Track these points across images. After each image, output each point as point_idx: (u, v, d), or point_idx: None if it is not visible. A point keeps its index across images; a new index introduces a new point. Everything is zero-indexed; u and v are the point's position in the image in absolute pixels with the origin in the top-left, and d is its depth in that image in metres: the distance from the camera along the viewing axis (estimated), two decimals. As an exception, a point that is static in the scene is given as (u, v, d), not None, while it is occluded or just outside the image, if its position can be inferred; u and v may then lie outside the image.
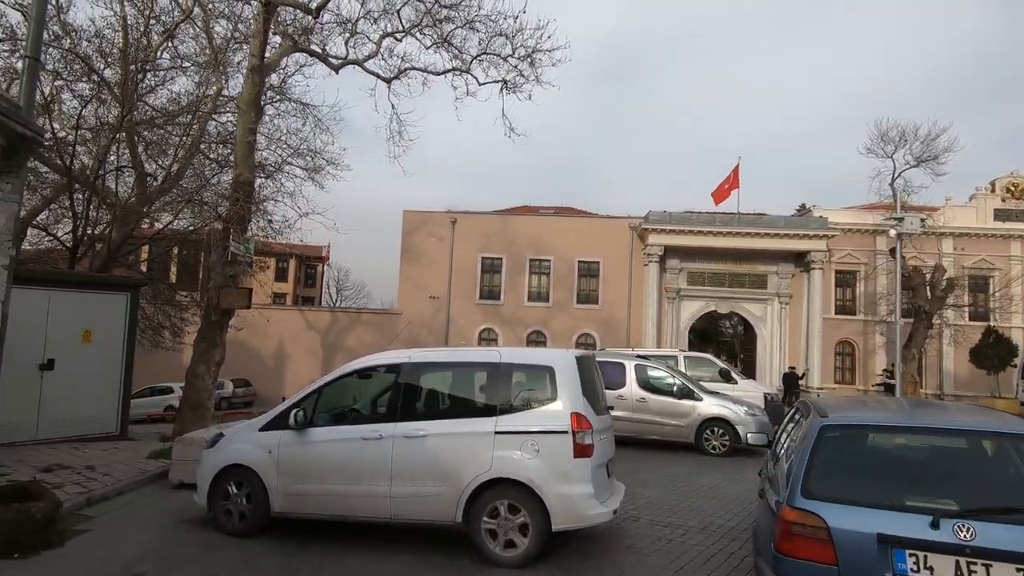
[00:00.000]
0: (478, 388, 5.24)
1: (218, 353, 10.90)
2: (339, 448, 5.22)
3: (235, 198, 11.07)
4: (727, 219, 27.25)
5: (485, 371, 5.25)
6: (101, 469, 7.45)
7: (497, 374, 5.15)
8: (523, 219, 30.25)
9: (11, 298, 9.45)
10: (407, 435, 5.05)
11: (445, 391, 5.41)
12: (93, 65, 14.48)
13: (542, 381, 5.11)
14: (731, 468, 9.57)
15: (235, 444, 5.59)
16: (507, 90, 13.63)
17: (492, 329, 28.69)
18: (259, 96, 11.62)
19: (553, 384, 5.02)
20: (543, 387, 5.09)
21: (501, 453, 4.83)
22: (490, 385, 5.15)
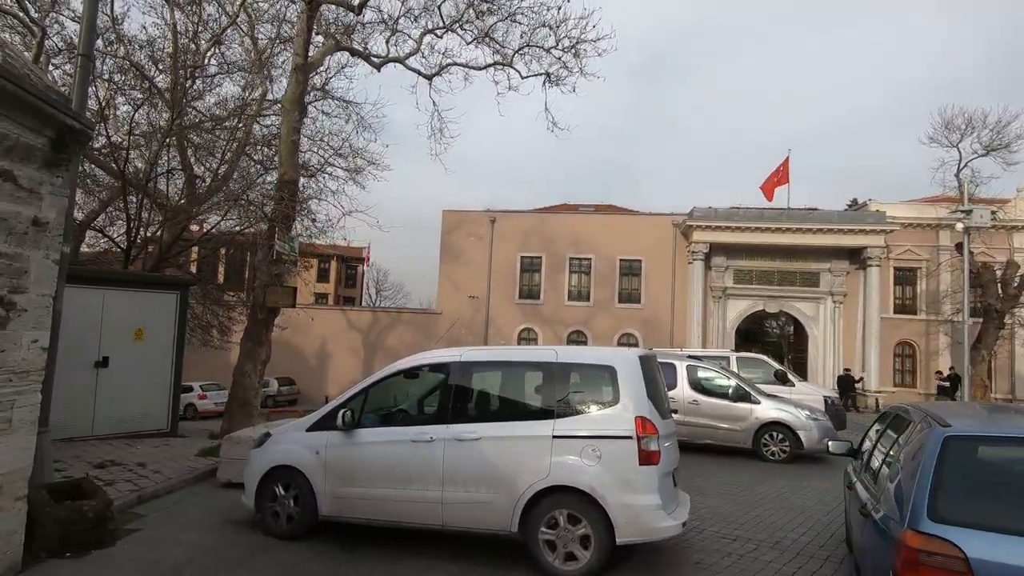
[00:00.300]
0: (533, 389, 4.93)
1: (264, 351, 10.95)
2: (388, 450, 4.99)
3: (280, 197, 11.10)
4: (776, 214, 26.16)
5: (540, 371, 4.93)
6: (152, 466, 7.48)
7: (553, 374, 4.82)
8: (562, 217, 29.83)
9: (69, 297, 9.72)
10: (458, 438, 4.78)
11: (498, 392, 5.12)
12: (145, 72, 14.90)
13: (603, 382, 4.76)
14: (794, 476, 8.97)
15: (282, 444, 5.44)
16: (550, 83, 13.31)
17: (532, 329, 28.38)
18: (303, 95, 11.63)
19: (615, 385, 4.66)
20: (604, 389, 4.74)
21: (559, 459, 4.51)
22: (546, 386, 4.83)
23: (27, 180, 4.04)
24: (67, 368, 9.31)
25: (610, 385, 4.70)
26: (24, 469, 4.19)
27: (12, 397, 4.01)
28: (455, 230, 29.26)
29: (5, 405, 3.98)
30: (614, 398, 4.65)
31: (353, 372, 28.98)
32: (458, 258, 29.02)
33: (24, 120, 3.94)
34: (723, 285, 27.21)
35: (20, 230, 4.00)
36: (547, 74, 13.10)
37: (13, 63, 3.95)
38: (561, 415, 4.66)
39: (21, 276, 4.03)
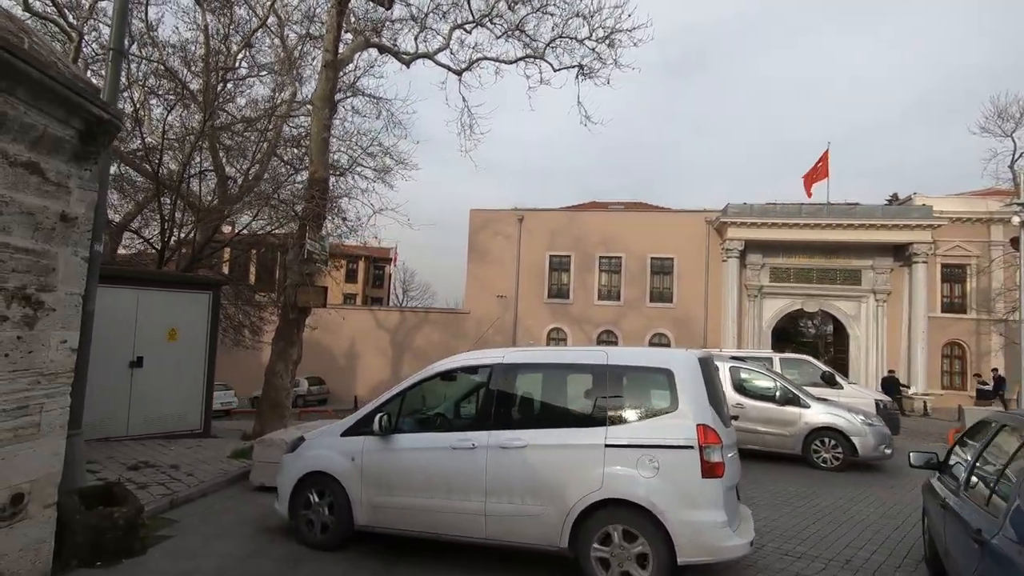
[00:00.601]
0: (582, 394, 4.57)
1: (295, 351, 10.83)
2: (427, 457, 4.70)
3: (310, 195, 10.97)
4: (815, 210, 25.20)
5: (589, 374, 4.57)
6: (185, 468, 7.36)
7: (604, 377, 4.46)
8: (591, 215, 29.33)
9: (103, 297, 9.73)
10: (503, 445, 4.46)
11: (544, 396, 4.78)
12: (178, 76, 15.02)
13: (659, 386, 4.38)
14: (849, 486, 8.41)
15: (316, 450, 5.20)
16: (583, 76, 12.93)
17: (561, 329, 27.97)
18: (333, 92, 11.49)
19: (673, 390, 4.28)
20: (661, 393, 4.36)
21: (613, 469, 4.15)
22: (597, 390, 4.47)
23: (54, 173, 3.86)
24: (102, 368, 9.33)
25: (667, 389, 4.33)
26: (54, 475, 4.02)
27: (41, 400, 3.84)
28: (483, 229, 29.02)
29: (33, 409, 3.80)
30: (672, 404, 4.27)
31: (381, 372, 29.02)
32: (486, 257, 28.78)
33: (51, 110, 3.76)
34: (759, 283, 26.35)
35: (47, 225, 3.82)
36: (580, 66, 12.73)
37: (39, 50, 3.77)
38: (614, 422, 4.30)
39: (49, 274, 3.85)
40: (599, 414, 4.37)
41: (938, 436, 15.43)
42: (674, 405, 4.25)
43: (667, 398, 4.30)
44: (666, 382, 4.35)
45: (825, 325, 42.28)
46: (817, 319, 38.51)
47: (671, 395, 4.28)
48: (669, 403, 4.28)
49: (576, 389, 4.66)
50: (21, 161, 3.61)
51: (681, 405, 4.22)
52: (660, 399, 4.34)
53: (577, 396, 4.62)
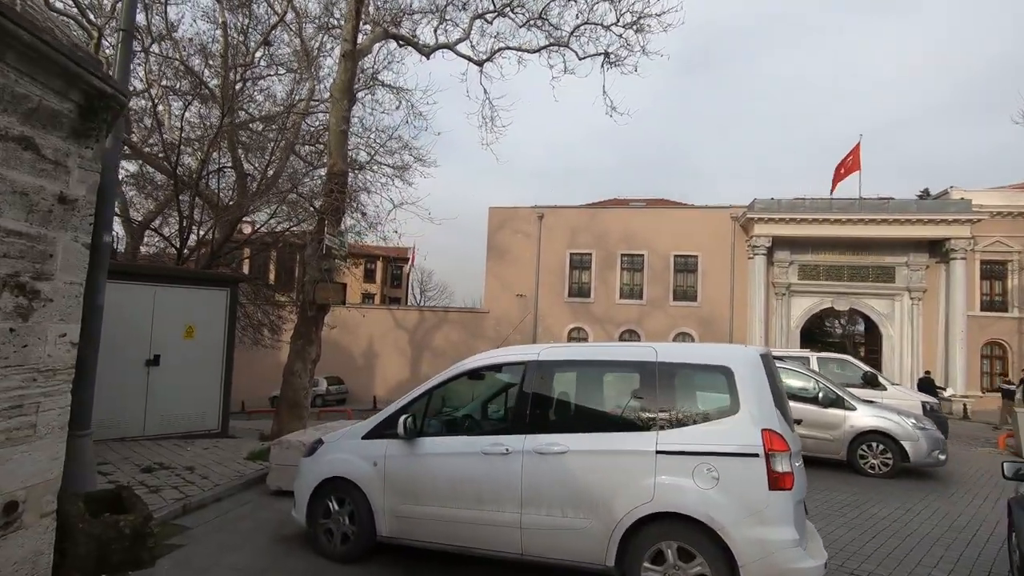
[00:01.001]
0: (630, 394, 4.12)
1: (314, 350, 10.52)
2: (456, 463, 4.29)
3: (329, 189, 10.66)
4: (846, 205, 24.33)
5: (637, 372, 4.12)
6: (200, 471, 7.05)
7: (653, 376, 4.00)
8: (613, 212, 28.75)
9: (120, 293, 9.53)
10: (540, 451, 4.03)
11: (586, 397, 4.34)
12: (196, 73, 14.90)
13: (717, 386, 3.91)
14: (903, 495, 7.82)
15: (336, 453, 4.82)
16: (609, 64, 12.44)
17: (582, 328, 27.43)
18: (352, 82, 11.17)
19: (732, 390, 3.81)
20: (719, 394, 3.89)
21: (666, 479, 3.69)
22: (645, 391, 4.02)
23: (51, 151, 3.52)
24: (118, 366, 9.13)
25: (726, 390, 3.86)
26: (52, 481, 3.69)
27: (37, 399, 3.50)
28: (502, 227, 28.62)
29: (29, 408, 3.47)
30: (732, 406, 3.79)
31: (400, 372, 28.79)
32: (505, 256, 28.37)
33: (46, 80, 3.42)
34: (787, 281, 25.54)
35: (44, 207, 3.48)
36: (606, 54, 12.24)
37: (33, 14, 3.43)
38: (666, 426, 3.84)
39: (46, 260, 3.52)
40: (648, 417, 3.92)
41: (984, 440, 14.63)
42: (735, 407, 3.78)
43: (726, 399, 3.84)
44: (725, 382, 3.88)
45: (852, 324, 41.17)
46: (843, 318, 37.45)
47: (731, 396, 3.81)
48: (729, 405, 3.81)
49: (621, 389, 4.21)
50: (13, 135, 3.28)
51: (743, 407, 3.75)
52: (718, 401, 3.88)
53: (623, 397, 4.17)
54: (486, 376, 4.77)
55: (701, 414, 3.87)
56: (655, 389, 3.97)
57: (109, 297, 9.15)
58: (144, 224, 16.85)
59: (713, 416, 3.83)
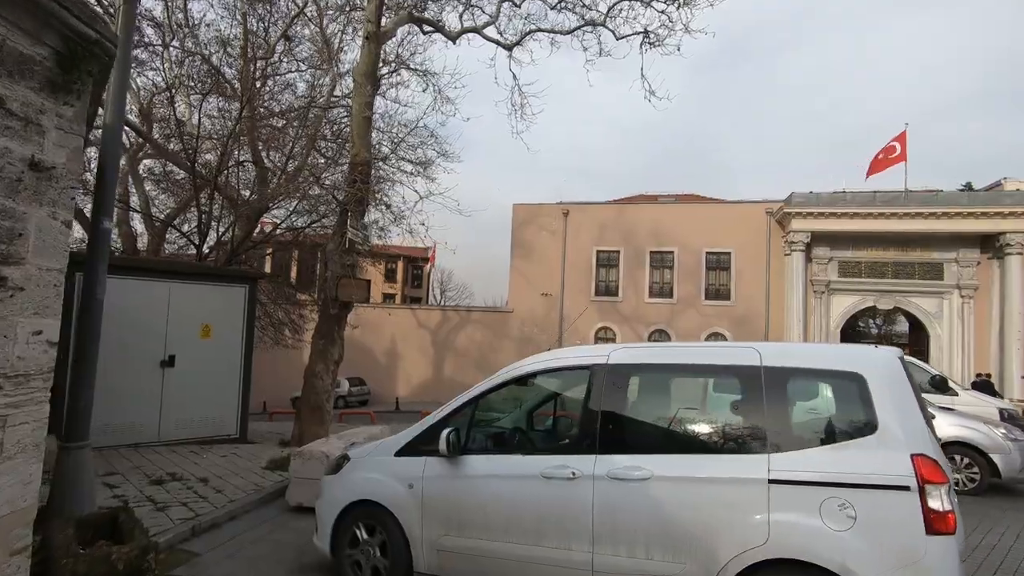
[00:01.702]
0: (729, 407, 3.33)
1: (337, 351, 9.90)
2: (510, 488, 3.55)
3: (352, 179, 10.03)
4: (890, 198, 23.03)
5: (736, 379, 3.33)
6: (214, 483, 6.43)
7: (759, 385, 3.20)
8: (641, 208, 27.77)
9: (134, 290, 8.99)
10: (616, 475, 3.27)
11: (672, 410, 3.56)
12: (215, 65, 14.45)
13: (846, 398, 3.11)
14: (999, 516, 6.85)
15: (364, 472, 4.11)
16: (649, 44, 11.59)
17: (609, 328, 26.53)
18: (375, 66, 10.53)
19: (867, 403, 3.00)
20: (848, 408, 3.09)
21: (784, 516, 2.90)
22: (748, 402, 3.22)
23: (19, 104, 2.86)
24: (131, 368, 8.59)
25: (858, 402, 3.04)
26: (25, 511, 3.02)
27: (3, 412, 2.84)
28: (526, 224, 27.85)
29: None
30: (867, 423, 2.98)
31: (423, 372, 28.21)
32: (530, 254, 27.60)
33: (13, 15, 2.76)
34: (826, 279, 24.31)
35: (10, 174, 2.82)
36: (645, 32, 11.39)
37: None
38: (780, 448, 3.04)
39: (13, 240, 2.86)
40: (756, 436, 3.12)
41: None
42: (870, 425, 2.96)
43: (859, 414, 3.02)
44: (856, 392, 3.06)
45: (888, 324, 39.48)
46: (879, 318, 35.87)
47: (865, 410, 3.00)
48: (863, 422, 2.99)
49: (718, 400, 3.42)
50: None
51: (883, 425, 2.93)
52: (849, 416, 3.07)
53: (721, 410, 3.38)
54: (547, 383, 4.01)
55: (825, 433, 3.06)
56: (761, 400, 3.17)
57: (121, 294, 8.64)
58: (166, 222, 16.49)
59: (842, 436, 3.02)
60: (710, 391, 3.49)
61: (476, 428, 3.91)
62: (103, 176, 4.83)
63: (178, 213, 16.77)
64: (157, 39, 14.72)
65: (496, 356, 27.12)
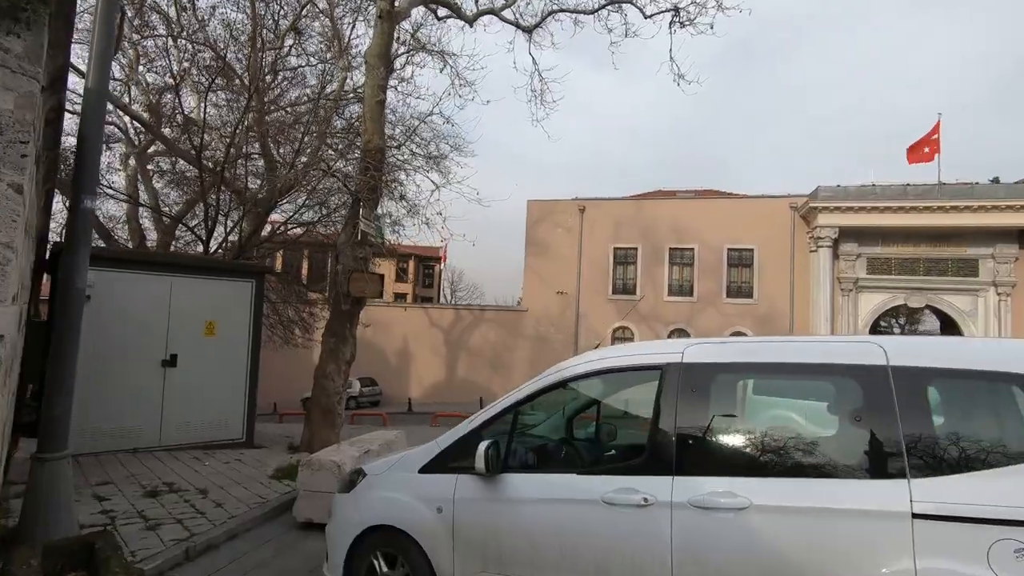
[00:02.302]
0: (848, 416, 2.63)
1: (348, 350, 9.29)
2: (563, 516, 2.88)
3: (364, 167, 9.41)
4: (922, 191, 22.07)
5: (855, 381, 2.63)
6: (214, 495, 5.82)
7: (887, 388, 2.50)
8: (660, 204, 26.97)
9: (134, 285, 8.44)
10: (701, 503, 2.59)
11: (771, 420, 2.87)
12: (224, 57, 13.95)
13: (1003, 407, 2.40)
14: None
15: (384, 491, 3.46)
16: (679, 23, 10.87)
17: (627, 327, 25.77)
18: (389, 47, 9.90)
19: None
20: (1009, 420, 2.38)
21: (937, 564, 2.20)
22: (876, 412, 2.52)
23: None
24: (130, 367, 8.02)
25: (1019, 415, 2.34)
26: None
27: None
28: (541, 221, 27.17)
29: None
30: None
31: (436, 373, 27.61)
32: (544, 251, 26.91)
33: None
34: (854, 276, 23.39)
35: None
36: (675, 9, 10.67)
37: None
38: (923, 471, 2.34)
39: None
40: (889, 456, 2.42)
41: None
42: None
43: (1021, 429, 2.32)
44: (1013, 400, 2.36)
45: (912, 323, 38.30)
46: (903, 317, 34.76)
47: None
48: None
49: (832, 409, 2.73)
50: None
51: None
52: (1011, 432, 2.36)
53: (835, 421, 2.68)
54: (605, 385, 3.33)
55: (987, 453, 2.36)
56: (893, 410, 2.47)
57: (119, 289, 8.05)
58: (176, 219, 16.04)
59: (1007, 458, 2.31)
60: (820, 396, 2.80)
61: (518, 440, 3.24)
62: (84, 148, 4.23)
63: (188, 210, 16.31)
64: (164, 30, 14.27)
65: (511, 356, 26.50)
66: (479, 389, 25.50)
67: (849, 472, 2.49)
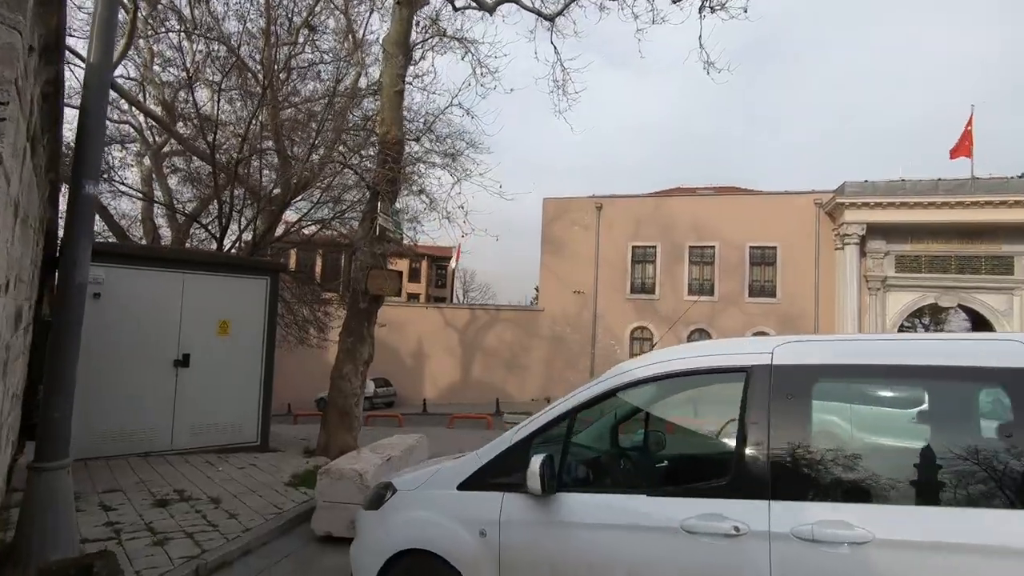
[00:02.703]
0: (996, 431, 2.16)
1: (367, 350, 8.91)
2: (634, 546, 2.44)
3: (383, 159, 9.03)
4: (954, 186, 21.29)
5: (996, 386, 2.16)
6: (227, 504, 5.45)
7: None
8: (679, 201, 26.38)
9: (144, 282, 8.11)
10: (807, 535, 2.13)
11: (887, 436, 2.40)
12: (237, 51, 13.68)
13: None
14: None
15: (417, 510, 3.04)
16: (709, 7, 10.36)
17: (645, 327, 25.23)
18: (408, 35, 9.52)
19: None
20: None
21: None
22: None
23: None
24: (141, 368, 7.68)
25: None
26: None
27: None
28: (557, 219, 26.70)
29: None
30: None
31: (451, 373, 27.25)
32: (561, 250, 26.44)
33: None
34: (882, 274, 22.64)
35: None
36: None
37: None
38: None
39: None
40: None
41: None
42: None
43: None
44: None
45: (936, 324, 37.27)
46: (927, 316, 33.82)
47: None
48: None
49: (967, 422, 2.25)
50: None
51: None
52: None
53: (975, 437, 2.21)
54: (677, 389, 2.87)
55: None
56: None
57: (129, 287, 7.70)
58: (191, 217, 15.82)
59: None
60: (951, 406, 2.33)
61: (573, 452, 2.79)
62: (86, 127, 3.86)
63: (202, 208, 16.10)
64: (176, 26, 14.05)
65: (527, 356, 26.06)
66: (494, 390, 25.09)
67: (999, 501, 2.02)
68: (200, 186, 16.15)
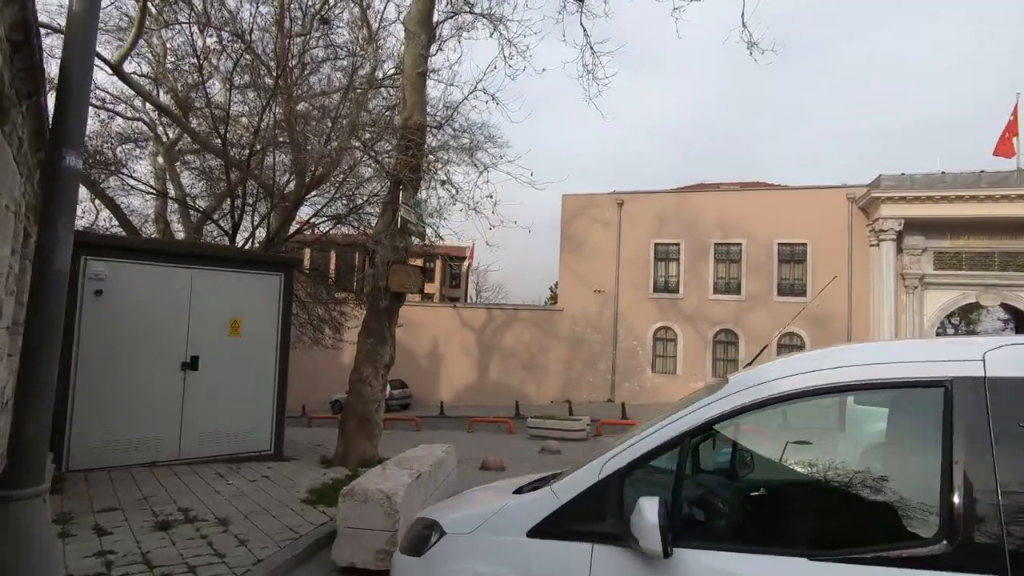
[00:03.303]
0: None
1: (388, 352, 8.29)
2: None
3: (404, 146, 8.39)
4: (998, 179, 20.23)
5: None
6: (237, 526, 4.82)
7: None
8: (704, 196, 25.52)
9: (151, 278, 7.53)
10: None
11: None
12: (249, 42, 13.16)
13: None
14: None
15: (474, 563, 2.35)
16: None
17: (669, 328, 24.40)
18: (431, 12, 8.87)
19: None
20: None
21: None
22: None
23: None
24: (146, 370, 7.06)
25: None
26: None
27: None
28: (577, 217, 25.96)
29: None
30: None
31: (467, 375, 26.62)
32: (581, 248, 25.69)
33: None
34: (919, 272, 21.61)
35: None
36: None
37: None
38: None
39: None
40: None
41: None
42: None
43: None
44: None
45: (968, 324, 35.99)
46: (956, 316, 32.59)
47: None
48: None
49: None
50: None
51: None
52: None
53: None
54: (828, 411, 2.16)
55: None
56: None
57: (133, 283, 7.03)
58: (205, 214, 15.36)
59: None
60: None
61: (689, 490, 2.09)
62: (67, 89, 3.23)
63: (217, 205, 15.63)
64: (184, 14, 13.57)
65: (545, 357, 25.36)
66: (512, 392, 24.42)
67: None
68: (213, 182, 15.70)
